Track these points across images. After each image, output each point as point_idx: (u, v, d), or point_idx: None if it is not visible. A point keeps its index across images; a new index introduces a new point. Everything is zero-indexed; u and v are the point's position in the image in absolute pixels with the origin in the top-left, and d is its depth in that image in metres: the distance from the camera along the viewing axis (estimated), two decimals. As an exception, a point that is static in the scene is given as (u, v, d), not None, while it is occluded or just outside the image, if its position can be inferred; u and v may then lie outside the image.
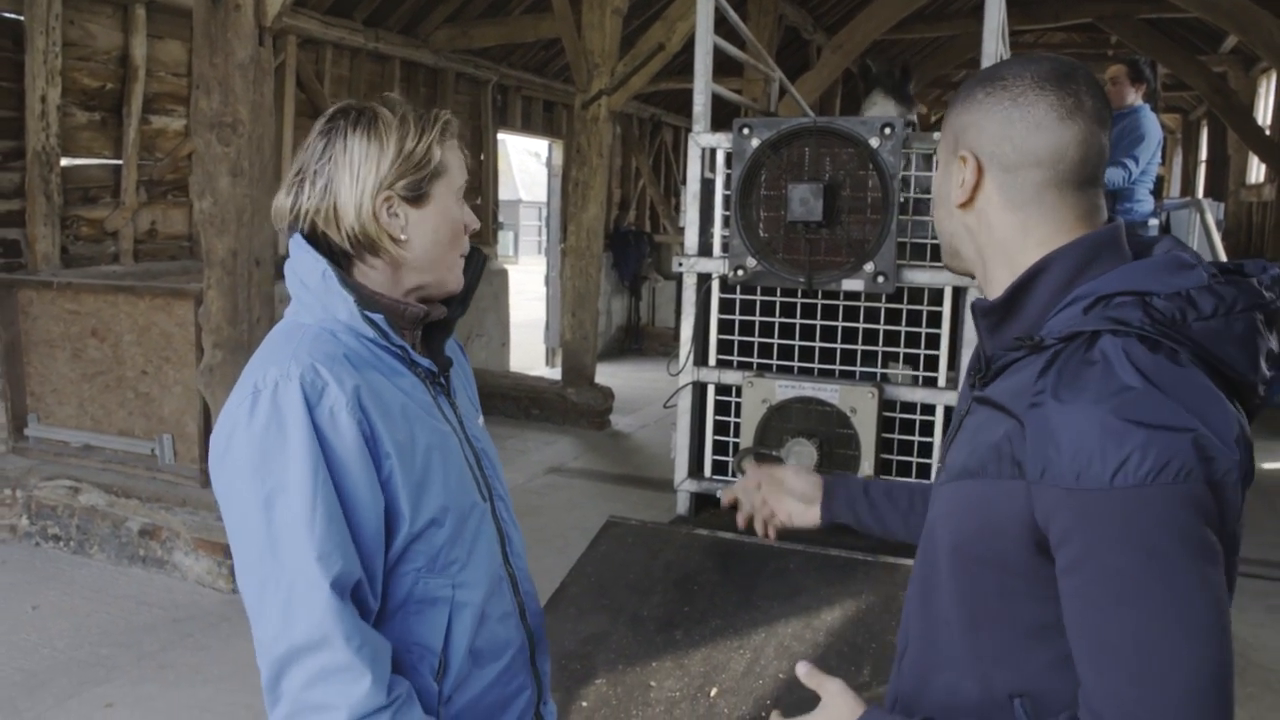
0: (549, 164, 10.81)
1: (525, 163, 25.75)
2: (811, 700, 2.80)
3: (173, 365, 4.62)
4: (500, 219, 10.22)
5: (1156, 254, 1.06)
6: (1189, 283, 0.99)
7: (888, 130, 3.00)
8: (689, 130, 3.46)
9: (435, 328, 1.38)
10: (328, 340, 1.24)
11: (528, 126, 9.99)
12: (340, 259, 1.29)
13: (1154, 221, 5.32)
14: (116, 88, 5.65)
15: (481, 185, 9.19)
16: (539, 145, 11.65)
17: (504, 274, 9.80)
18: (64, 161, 5.38)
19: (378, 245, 1.27)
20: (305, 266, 1.27)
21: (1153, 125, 5.11)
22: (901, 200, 3.07)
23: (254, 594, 1.17)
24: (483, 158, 9.08)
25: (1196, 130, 16.94)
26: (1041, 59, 1.09)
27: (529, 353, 10.89)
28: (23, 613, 4.01)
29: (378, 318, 1.26)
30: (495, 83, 8.94)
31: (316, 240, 1.29)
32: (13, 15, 5.08)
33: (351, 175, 1.26)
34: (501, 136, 9.62)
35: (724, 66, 6.81)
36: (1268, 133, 11.27)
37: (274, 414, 1.16)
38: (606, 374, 8.52)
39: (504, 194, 20.19)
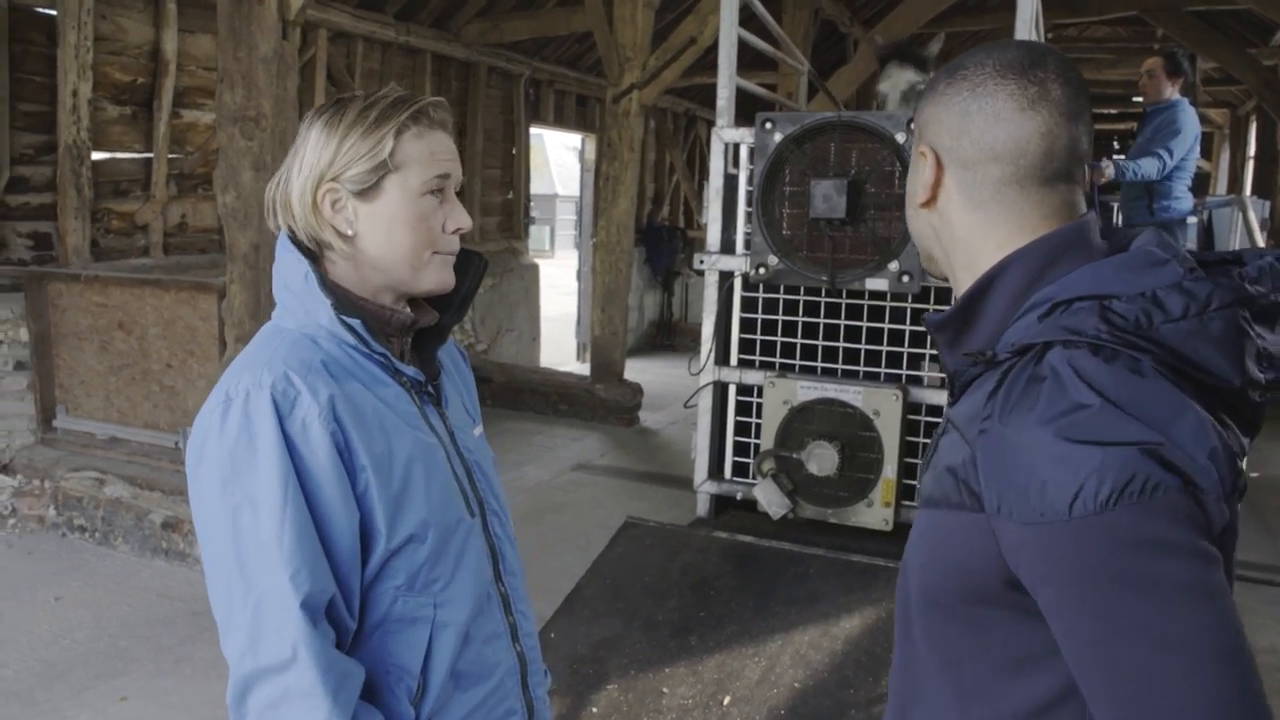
0: (582, 158, 10.77)
1: (562, 157, 25.79)
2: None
3: (196, 359, 4.63)
4: (534, 213, 10.18)
5: (1128, 249, 0.96)
6: (1158, 281, 0.89)
7: (913, 125, 2.90)
8: None
9: (427, 334, 1.33)
10: (306, 347, 1.19)
11: (560, 121, 9.95)
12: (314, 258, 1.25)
13: (1193, 220, 5.16)
14: (147, 82, 5.67)
15: (513, 180, 9.16)
16: (576, 139, 11.60)
17: (534, 269, 9.76)
18: (95, 155, 5.41)
19: (321, 239, 1.23)
20: (288, 268, 1.23)
21: (1190, 119, 4.95)
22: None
23: (221, 609, 1.12)
24: (514, 152, 9.05)
25: (1245, 125, 16.55)
26: (1008, 45, 1.01)
27: (561, 347, 10.86)
28: (46, 603, 4.04)
29: (355, 323, 1.20)
30: (528, 77, 8.90)
31: (298, 241, 1.25)
32: (45, 10, 5.11)
33: (299, 166, 1.23)
34: (539, 131, 9.57)
35: (758, 61, 6.72)
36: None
37: (244, 424, 1.12)
38: (637, 370, 8.47)
39: (541, 188, 20.19)
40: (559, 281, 15.37)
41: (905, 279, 2.96)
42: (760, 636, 2.93)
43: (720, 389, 3.49)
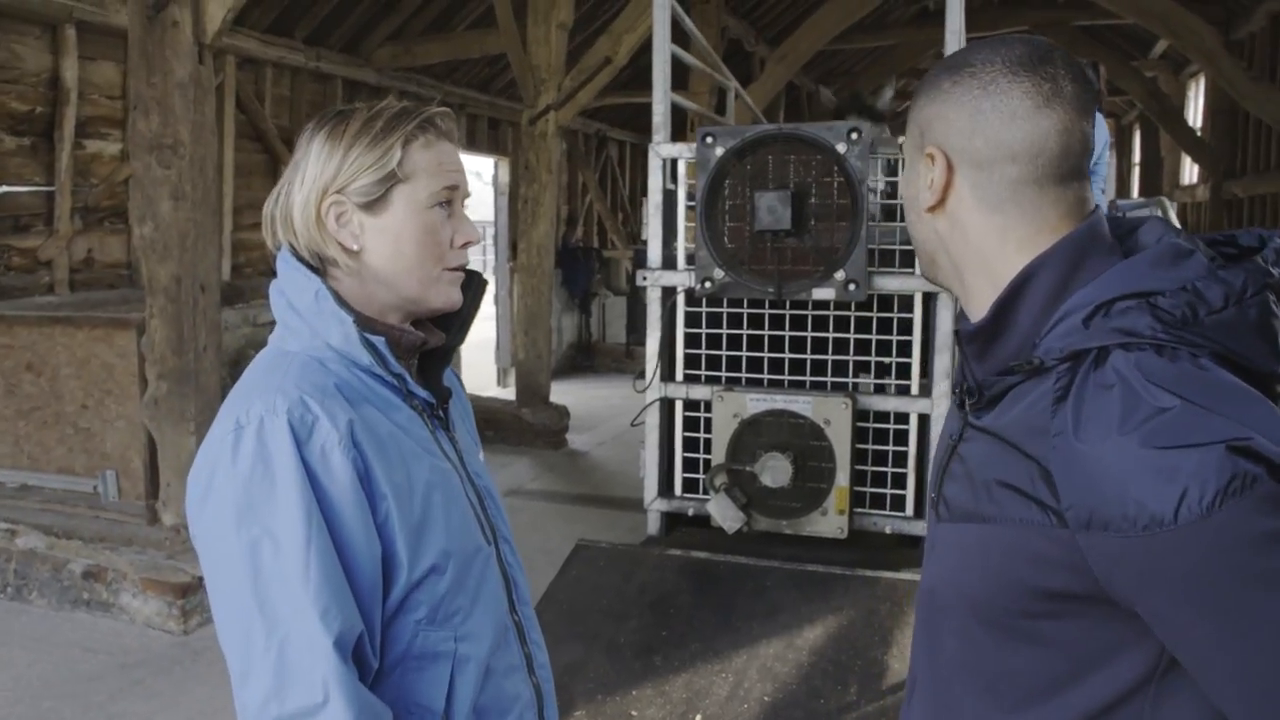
0: (495, 182, 10.69)
1: (471, 183, 25.62)
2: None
3: (114, 398, 4.43)
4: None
5: (1146, 241, 0.96)
6: (1192, 273, 0.88)
7: (854, 135, 2.95)
8: (634, 144, 3.41)
9: (431, 356, 1.27)
10: (316, 370, 1.12)
11: (473, 145, 9.87)
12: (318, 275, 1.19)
13: (1106, 225, 5.33)
14: (47, 111, 5.44)
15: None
16: (481, 164, 11.50)
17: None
18: (-8, 189, 5.17)
19: (325, 254, 1.17)
20: (295, 286, 1.16)
21: (1099, 128, 5.14)
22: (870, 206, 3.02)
23: (238, 653, 1.04)
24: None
25: (1129, 134, 17.35)
26: (1013, 40, 0.98)
27: (480, 373, 10.72)
28: (-42, 666, 3.79)
29: (379, 341, 1.14)
30: (439, 101, 8.79)
31: (300, 257, 1.18)
32: (-66, 38, 4.88)
33: (302, 179, 1.17)
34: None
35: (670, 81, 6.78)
36: (1199, 134, 11.52)
37: (260, 453, 1.05)
38: (560, 392, 8.41)
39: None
40: (473, 307, 15.17)
41: (852, 287, 2.99)
42: (725, 652, 2.91)
43: (667, 405, 3.47)
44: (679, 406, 3.46)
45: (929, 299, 3.13)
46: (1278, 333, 0.89)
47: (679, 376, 3.44)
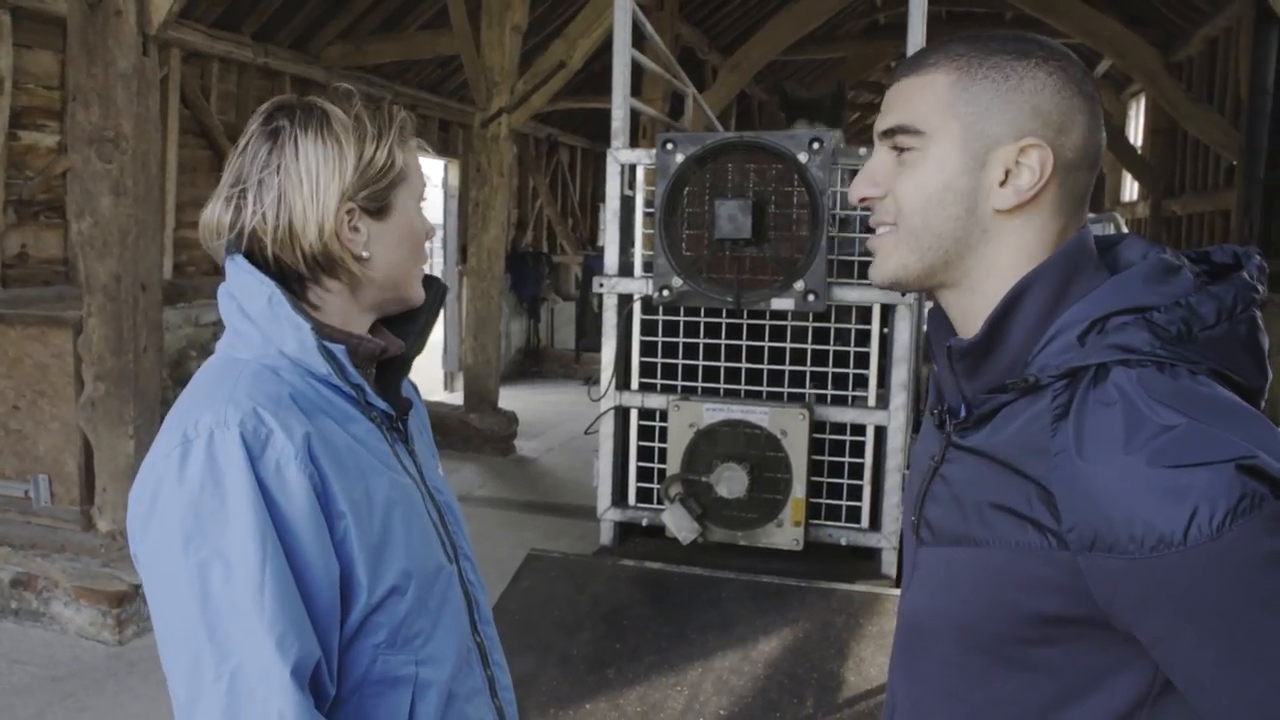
0: (444, 185, 10.57)
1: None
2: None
3: (49, 400, 4.27)
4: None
5: (1130, 258, 0.93)
6: (1182, 289, 0.86)
7: (816, 145, 2.94)
8: (585, 149, 3.36)
9: (389, 366, 1.20)
10: (269, 379, 1.06)
11: (423, 146, 9.73)
12: (292, 283, 1.11)
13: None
14: (-21, 101, 5.25)
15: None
16: (431, 166, 11.37)
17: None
18: (-79, 181, 4.98)
19: (339, 266, 1.11)
20: (248, 291, 1.08)
21: None
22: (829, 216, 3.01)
23: (183, 683, 0.97)
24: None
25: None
26: (1064, 51, 0.94)
27: (427, 378, 10.58)
28: (-124, 678, 3.62)
29: (338, 349, 1.08)
30: (389, 101, 8.67)
31: (256, 261, 1.10)
32: None
33: (310, 187, 1.08)
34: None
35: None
36: (1140, 152, 11.78)
37: (209, 468, 0.98)
38: (508, 397, 8.34)
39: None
40: (420, 310, 15.00)
41: (811, 298, 2.98)
42: (680, 665, 2.87)
43: (622, 414, 3.43)
44: (634, 415, 3.42)
45: (887, 310, 3.14)
46: (1263, 349, 0.88)
47: (634, 385, 3.41)
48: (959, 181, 0.92)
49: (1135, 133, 13.20)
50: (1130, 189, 13.59)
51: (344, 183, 1.09)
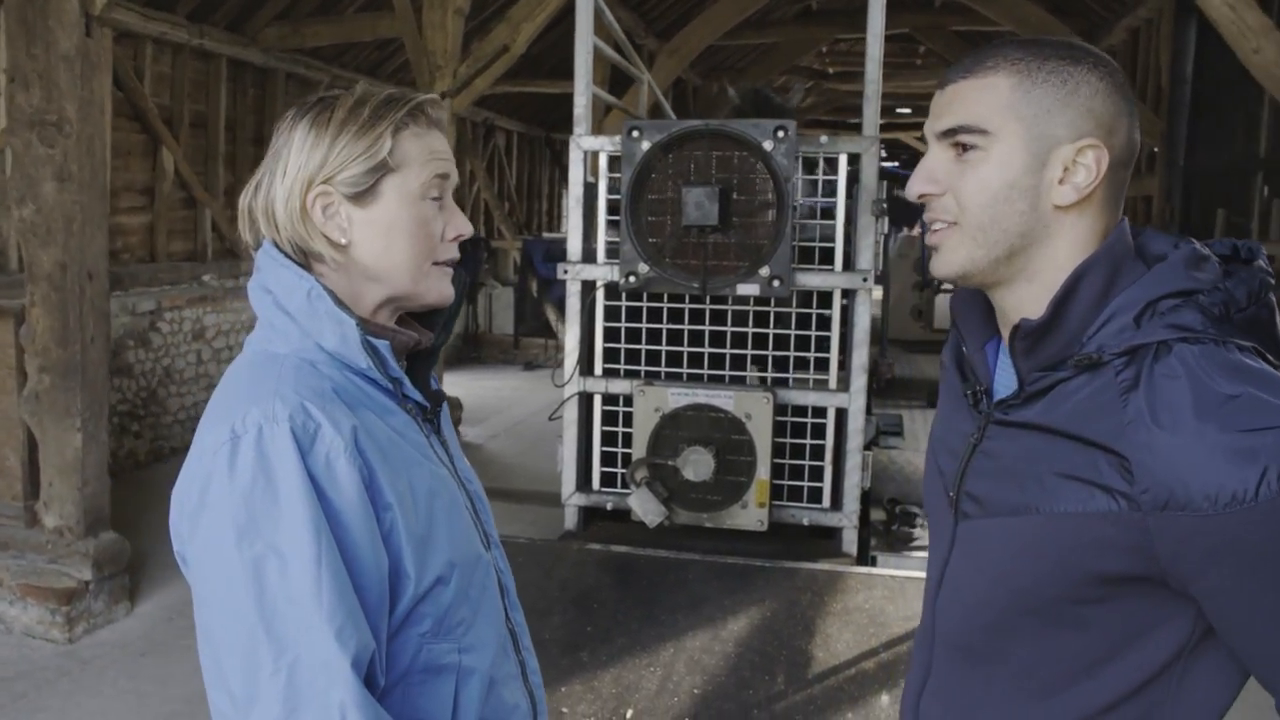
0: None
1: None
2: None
3: (-13, 392, 4.14)
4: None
5: (1158, 248, 1.00)
6: (1214, 275, 0.95)
7: (781, 133, 2.98)
8: (521, 134, 3.36)
9: (417, 358, 1.21)
10: (310, 374, 1.06)
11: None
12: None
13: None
14: (-98, 82, 5.03)
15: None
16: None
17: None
18: None
19: (309, 248, 1.11)
20: (284, 284, 1.09)
21: None
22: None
23: (240, 678, 0.97)
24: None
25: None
26: (1102, 54, 1.01)
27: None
28: None
29: (382, 345, 1.09)
30: (328, 84, 8.53)
31: (286, 253, 1.12)
32: None
33: (282, 170, 1.10)
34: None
35: (559, 70, 6.67)
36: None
37: (260, 463, 0.98)
38: (448, 383, 8.28)
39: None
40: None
41: (776, 284, 3.03)
42: (652, 646, 2.91)
43: (585, 400, 3.45)
44: (598, 401, 3.45)
45: (848, 295, 3.21)
46: (1279, 330, 0.97)
47: (598, 370, 3.43)
48: (1023, 179, 0.97)
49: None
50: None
51: (313, 164, 1.09)
